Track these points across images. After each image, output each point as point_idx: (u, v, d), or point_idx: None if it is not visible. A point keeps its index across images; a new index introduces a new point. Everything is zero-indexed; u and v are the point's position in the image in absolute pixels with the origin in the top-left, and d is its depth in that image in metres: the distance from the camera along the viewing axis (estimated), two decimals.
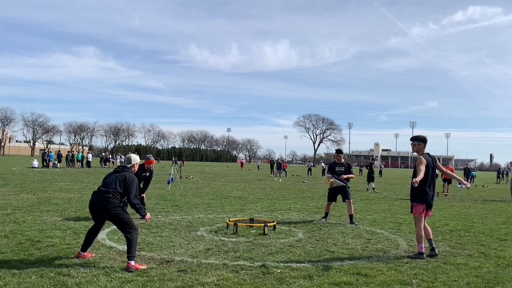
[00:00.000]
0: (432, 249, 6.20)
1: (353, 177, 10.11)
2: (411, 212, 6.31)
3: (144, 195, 9.57)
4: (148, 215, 5.70)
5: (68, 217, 9.02)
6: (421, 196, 6.10)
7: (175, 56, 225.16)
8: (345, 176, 9.78)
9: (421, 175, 5.88)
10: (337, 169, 9.93)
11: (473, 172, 37.65)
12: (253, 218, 8.99)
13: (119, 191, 5.48)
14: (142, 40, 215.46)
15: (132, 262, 5.09)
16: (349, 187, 9.96)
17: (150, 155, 9.76)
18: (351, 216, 9.64)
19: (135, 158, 6.00)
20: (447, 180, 20.85)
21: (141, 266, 5.16)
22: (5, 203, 10.95)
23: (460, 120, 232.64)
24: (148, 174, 9.46)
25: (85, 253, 5.60)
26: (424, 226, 6.21)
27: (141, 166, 9.21)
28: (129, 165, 5.85)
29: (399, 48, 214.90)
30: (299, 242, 7.19)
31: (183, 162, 65.67)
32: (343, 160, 10.14)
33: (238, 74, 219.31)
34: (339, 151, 10.30)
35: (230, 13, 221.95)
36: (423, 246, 6.07)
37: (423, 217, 6.20)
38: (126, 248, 5.26)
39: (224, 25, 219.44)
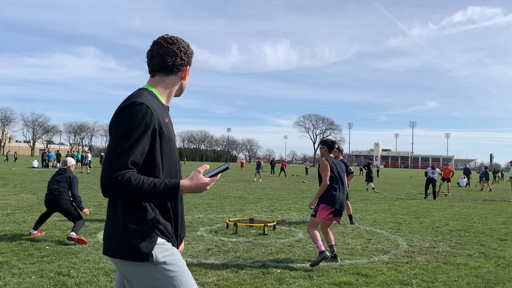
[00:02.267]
0: (335, 256, 5.73)
1: (354, 176, 9.79)
2: (313, 215, 5.81)
3: None
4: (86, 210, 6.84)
5: None
6: (329, 199, 5.70)
7: None
8: (347, 180, 8.88)
9: (326, 179, 5.69)
10: None
11: (483, 171, 36.22)
12: (253, 218, 8.99)
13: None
14: (142, 40, 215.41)
15: (74, 234, 6.34)
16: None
17: None
18: (350, 216, 9.62)
19: (70, 161, 7.16)
20: (446, 179, 20.86)
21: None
22: (5, 203, 10.95)
23: (460, 120, 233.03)
24: None
25: (35, 232, 6.77)
26: (327, 232, 5.85)
27: None
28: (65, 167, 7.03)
29: (399, 48, 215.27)
30: (299, 242, 7.19)
31: (184, 162, 65.90)
32: (341, 157, 9.30)
33: (238, 74, 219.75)
34: (338, 148, 9.15)
35: (231, 13, 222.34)
36: (321, 245, 5.50)
37: (324, 222, 5.79)
38: None
39: (225, 25, 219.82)
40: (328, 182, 5.71)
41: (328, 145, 6.01)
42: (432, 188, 17.59)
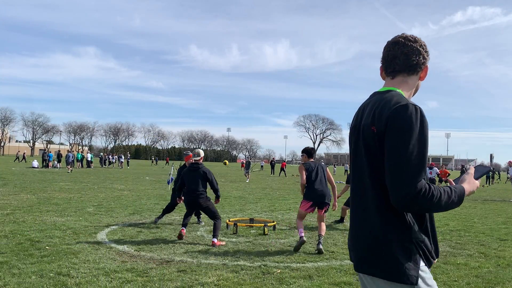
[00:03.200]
0: (318, 243, 6.52)
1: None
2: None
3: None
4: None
5: (68, 217, 9.02)
6: (307, 194, 6.78)
7: (176, 57, 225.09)
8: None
9: (302, 179, 6.77)
10: None
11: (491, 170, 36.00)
12: (253, 218, 8.99)
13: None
14: (142, 40, 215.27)
15: (215, 240, 6.60)
16: None
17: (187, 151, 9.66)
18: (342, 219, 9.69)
19: (199, 152, 7.38)
20: (443, 180, 20.89)
21: (221, 243, 6.69)
22: (5, 203, 10.95)
23: (460, 120, 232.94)
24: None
25: (184, 229, 7.03)
26: (320, 223, 6.84)
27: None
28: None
29: None
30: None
31: (167, 162, 66.62)
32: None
33: (238, 74, 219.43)
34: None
35: (231, 13, 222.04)
36: (302, 231, 6.60)
37: (306, 213, 6.88)
38: (126, 248, 5.26)
39: (225, 25, 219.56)
40: (304, 182, 6.76)
41: (308, 152, 7.10)
42: None
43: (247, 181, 26.24)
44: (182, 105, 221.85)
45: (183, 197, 7.41)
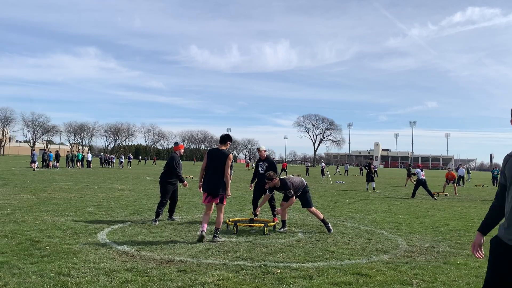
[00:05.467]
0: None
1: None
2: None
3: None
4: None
5: (68, 217, 9.02)
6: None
7: (176, 57, 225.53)
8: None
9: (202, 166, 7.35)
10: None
11: (497, 170, 35.26)
12: (253, 218, 8.98)
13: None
14: (143, 40, 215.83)
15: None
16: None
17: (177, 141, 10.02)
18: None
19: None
20: (451, 181, 20.91)
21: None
22: (5, 203, 10.95)
23: (459, 120, 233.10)
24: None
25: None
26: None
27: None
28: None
29: (399, 49, 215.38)
30: (299, 242, 7.19)
31: (194, 163, 66.29)
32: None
33: (238, 74, 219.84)
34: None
35: (231, 14, 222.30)
36: (204, 226, 7.01)
37: (208, 204, 7.14)
38: (126, 248, 5.28)
39: (225, 26, 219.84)
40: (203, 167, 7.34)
41: (221, 140, 7.71)
42: (425, 189, 17.69)
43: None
44: (182, 105, 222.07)
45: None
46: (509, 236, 2.63)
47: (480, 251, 2.94)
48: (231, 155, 7.50)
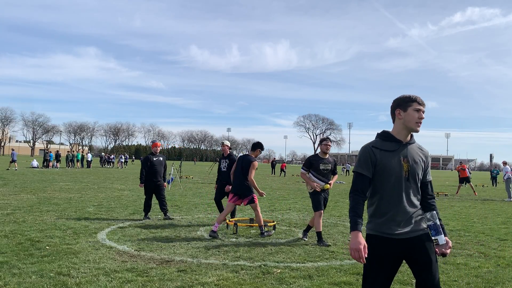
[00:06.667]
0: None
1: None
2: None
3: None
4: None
5: (68, 217, 9.02)
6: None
7: (176, 57, 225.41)
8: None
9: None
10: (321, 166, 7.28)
11: (497, 170, 35.12)
12: (253, 218, 8.99)
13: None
14: (143, 41, 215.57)
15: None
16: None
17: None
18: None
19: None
20: (465, 178, 20.95)
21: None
22: (5, 203, 10.95)
23: (460, 120, 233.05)
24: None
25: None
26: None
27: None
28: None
29: (399, 49, 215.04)
30: (299, 242, 7.19)
31: (194, 163, 66.16)
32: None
33: (239, 74, 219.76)
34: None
35: (231, 14, 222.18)
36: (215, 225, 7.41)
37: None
38: (126, 248, 5.27)
39: (225, 26, 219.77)
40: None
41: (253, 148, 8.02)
42: None
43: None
44: (182, 105, 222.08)
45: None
46: None
47: None
48: (255, 163, 7.78)
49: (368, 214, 2.84)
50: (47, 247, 6.06)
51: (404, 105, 2.80)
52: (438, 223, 2.71)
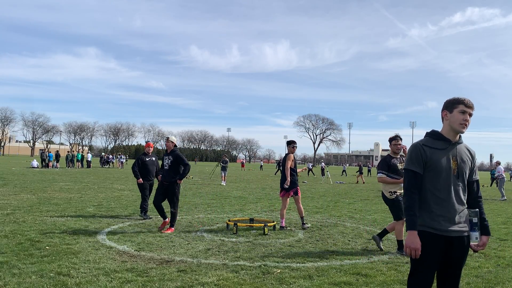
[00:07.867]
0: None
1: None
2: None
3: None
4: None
5: (68, 217, 9.02)
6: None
7: (176, 57, 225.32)
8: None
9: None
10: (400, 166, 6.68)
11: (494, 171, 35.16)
12: (253, 218, 8.99)
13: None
14: (143, 41, 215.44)
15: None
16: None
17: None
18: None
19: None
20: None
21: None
22: (5, 203, 10.95)
23: None
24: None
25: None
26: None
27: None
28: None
29: (399, 49, 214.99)
30: (299, 242, 7.19)
31: (195, 162, 65.96)
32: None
33: (239, 74, 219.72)
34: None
35: (231, 14, 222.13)
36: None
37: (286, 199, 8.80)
38: (126, 248, 5.28)
39: (225, 26, 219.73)
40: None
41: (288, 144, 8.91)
42: None
43: (224, 184, 22.16)
44: (182, 105, 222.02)
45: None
46: None
47: None
48: (291, 155, 8.81)
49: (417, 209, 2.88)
50: (47, 247, 6.06)
51: (450, 106, 2.93)
52: (476, 221, 2.80)
